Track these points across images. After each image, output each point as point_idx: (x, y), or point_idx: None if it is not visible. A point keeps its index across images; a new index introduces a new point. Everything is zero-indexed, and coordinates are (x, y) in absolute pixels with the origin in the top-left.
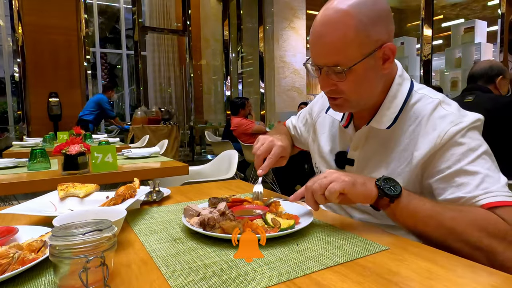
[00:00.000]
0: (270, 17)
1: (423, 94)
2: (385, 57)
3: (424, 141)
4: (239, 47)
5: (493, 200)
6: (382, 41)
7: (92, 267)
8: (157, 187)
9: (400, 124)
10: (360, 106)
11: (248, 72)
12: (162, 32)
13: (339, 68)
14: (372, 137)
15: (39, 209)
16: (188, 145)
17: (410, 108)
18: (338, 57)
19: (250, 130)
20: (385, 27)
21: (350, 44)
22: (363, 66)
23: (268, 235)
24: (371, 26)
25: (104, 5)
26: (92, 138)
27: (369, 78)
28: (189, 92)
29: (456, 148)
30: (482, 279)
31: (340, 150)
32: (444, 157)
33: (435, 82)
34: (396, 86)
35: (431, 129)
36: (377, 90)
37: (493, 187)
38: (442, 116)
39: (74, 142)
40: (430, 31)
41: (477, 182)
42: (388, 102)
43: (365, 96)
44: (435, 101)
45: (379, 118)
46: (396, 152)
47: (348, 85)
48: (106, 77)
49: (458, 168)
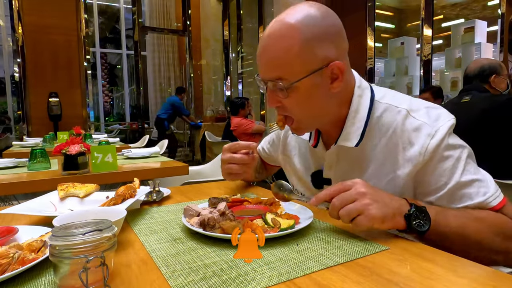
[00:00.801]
0: (270, 17)
1: (387, 104)
2: (333, 76)
3: (405, 158)
4: (239, 47)
5: (496, 203)
6: (329, 59)
7: (92, 267)
8: (157, 187)
9: (369, 139)
10: (314, 126)
11: (248, 72)
12: (162, 32)
13: (280, 84)
14: (343, 155)
15: (39, 209)
16: (188, 145)
17: (376, 121)
18: (280, 71)
19: (250, 130)
20: (333, 44)
21: (294, 58)
22: (308, 84)
23: (268, 235)
24: (317, 43)
25: (104, 5)
26: (92, 138)
27: (315, 97)
28: (189, 92)
29: (444, 163)
30: (482, 279)
31: (315, 170)
32: (436, 174)
33: (435, 82)
34: (357, 98)
35: (408, 145)
36: (328, 108)
37: (490, 189)
38: (416, 128)
39: (74, 142)
40: (430, 31)
41: (476, 189)
42: (351, 118)
43: (314, 115)
44: (403, 112)
45: (346, 136)
46: (373, 169)
47: (292, 102)
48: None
49: (454, 183)
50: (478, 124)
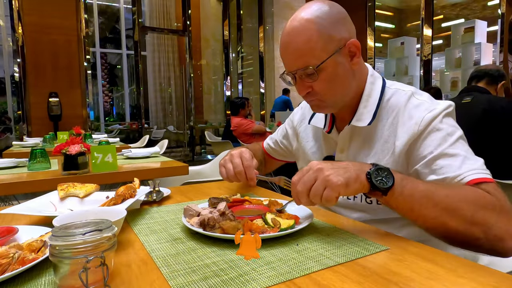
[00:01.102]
0: (270, 17)
1: (396, 88)
2: (351, 53)
3: (403, 130)
4: (239, 47)
5: (476, 177)
6: (345, 39)
7: (92, 267)
8: (157, 187)
9: (379, 119)
10: (338, 105)
11: (248, 72)
12: (162, 32)
13: (310, 68)
14: (355, 136)
15: (39, 209)
16: (188, 145)
17: (386, 103)
18: (306, 58)
19: (250, 130)
20: (345, 27)
21: (315, 45)
22: (332, 64)
23: (268, 235)
24: (331, 27)
25: (104, 5)
26: (92, 138)
27: (340, 75)
28: (189, 92)
29: (435, 133)
30: (482, 279)
31: (327, 155)
32: (425, 143)
33: (435, 82)
34: (369, 85)
35: (407, 119)
36: (350, 87)
37: (474, 166)
38: (416, 105)
39: (74, 142)
40: (430, 31)
41: (459, 163)
42: (364, 101)
43: (340, 93)
44: (408, 93)
45: (359, 117)
46: (379, 144)
47: (321, 84)
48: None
49: (440, 151)
50: (479, 124)
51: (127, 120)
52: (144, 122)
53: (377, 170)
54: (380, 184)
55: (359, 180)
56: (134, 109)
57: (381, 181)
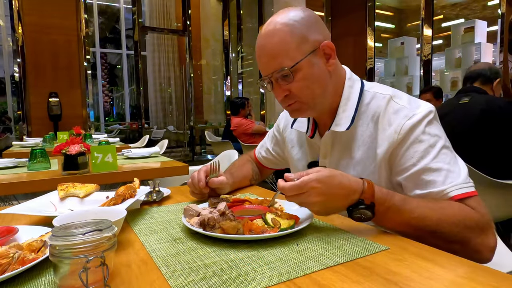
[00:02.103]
0: (270, 16)
1: (374, 92)
2: (326, 55)
3: (383, 137)
4: (239, 47)
5: (460, 193)
6: (319, 41)
7: (92, 267)
8: (157, 187)
9: (358, 124)
10: (316, 107)
11: (248, 72)
12: (162, 32)
13: (285, 70)
14: (337, 142)
15: (39, 209)
16: (188, 145)
17: (365, 107)
18: (280, 59)
19: (250, 130)
20: (318, 30)
21: (289, 46)
22: (307, 64)
23: (268, 235)
24: (305, 29)
25: (104, 5)
26: (92, 138)
27: (316, 75)
28: (189, 92)
29: (417, 145)
30: (482, 279)
31: (312, 161)
32: (407, 154)
33: (435, 82)
34: (348, 88)
35: (387, 125)
36: (327, 88)
37: (458, 180)
38: (396, 111)
39: (74, 142)
40: (430, 31)
41: (443, 178)
42: (343, 105)
43: (317, 94)
44: (386, 97)
45: (338, 121)
46: (361, 153)
47: (297, 85)
48: (106, 77)
49: (423, 166)
50: (476, 125)
51: (127, 120)
52: (144, 122)
53: (359, 210)
54: (357, 219)
55: (339, 208)
56: (134, 109)
57: (358, 217)
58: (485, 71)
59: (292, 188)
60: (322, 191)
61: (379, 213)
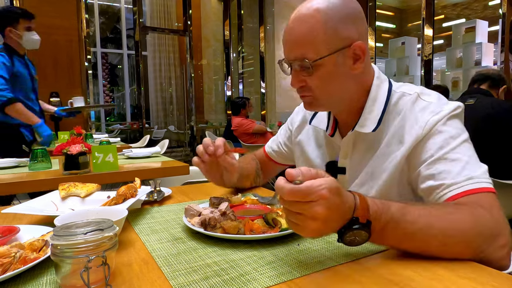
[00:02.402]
0: (270, 16)
1: (401, 92)
2: (355, 56)
3: (409, 136)
4: (240, 47)
5: (476, 187)
6: (351, 39)
7: (94, 267)
8: (158, 187)
9: (385, 125)
10: (333, 106)
11: (249, 72)
12: (163, 32)
13: (306, 61)
14: (359, 142)
15: (41, 208)
16: (188, 145)
17: (393, 108)
18: (304, 49)
19: (251, 130)
20: (355, 26)
21: (317, 37)
22: (331, 62)
23: (269, 235)
24: (340, 23)
25: (105, 5)
26: (93, 138)
27: (337, 76)
28: (189, 92)
29: (436, 136)
30: (483, 279)
31: (330, 160)
32: (426, 147)
33: (435, 82)
34: (375, 88)
35: (414, 123)
36: (349, 91)
37: (475, 173)
38: (423, 108)
39: (75, 142)
40: (431, 31)
41: (459, 169)
42: (369, 106)
43: (334, 95)
44: (414, 96)
45: (363, 122)
46: (385, 153)
47: (315, 81)
48: (107, 77)
49: (440, 155)
50: (482, 127)
51: (128, 120)
52: (144, 122)
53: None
54: (350, 243)
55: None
56: (135, 109)
57: (352, 240)
58: (494, 75)
59: (294, 192)
60: (330, 205)
61: (375, 232)
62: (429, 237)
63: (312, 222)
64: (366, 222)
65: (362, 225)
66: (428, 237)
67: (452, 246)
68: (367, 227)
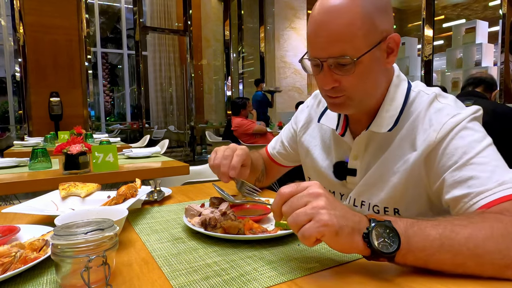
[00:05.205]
0: (271, 17)
1: (418, 90)
2: (389, 50)
3: (422, 139)
4: (240, 47)
5: (509, 193)
6: (387, 32)
7: (94, 266)
8: (158, 187)
9: (400, 126)
10: (362, 106)
11: (249, 72)
12: (163, 32)
13: (347, 58)
14: (371, 143)
15: (41, 208)
16: (188, 145)
17: (408, 107)
18: (345, 45)
19: (251, 131)
20: (388, 17)
21: (357, 32)
22: (370, 58)
23: (270, 235)
24: (377, 15)
25: (105, 5)
26: (93, 138)
27: (373, 73)
28: (190, 92)
29: (457, 140)
30: (483, 279)
31: (338, 161)
32: (447, 152)
33: (436, 83)
34: (394, 87)
35: (428, 125)
36: (380, 87)
37: (506, 177)
38: (438, 110)
39: (75, 141)
40: (431, 31)
41: (488, 174)
42: (387, 105)
43: (369, 93)
44: (431, 96)
45: (379, 122)
46: (397, 155)
47: (353, 80)
48: (107, 76)
49: (465, 160)
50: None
51: (128, 120)
52: (145, 122)
53: (377, 228)
54: (383, 248)
55: (353, 237)
56: (135, 109)
57: (383, 244)
58: (488, 79)
59: (285, 187)
60: (327, 200)
61: (403, 240)
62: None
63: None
64: (386, 221)
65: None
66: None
67: (489, 262)
68: (391, 226)
